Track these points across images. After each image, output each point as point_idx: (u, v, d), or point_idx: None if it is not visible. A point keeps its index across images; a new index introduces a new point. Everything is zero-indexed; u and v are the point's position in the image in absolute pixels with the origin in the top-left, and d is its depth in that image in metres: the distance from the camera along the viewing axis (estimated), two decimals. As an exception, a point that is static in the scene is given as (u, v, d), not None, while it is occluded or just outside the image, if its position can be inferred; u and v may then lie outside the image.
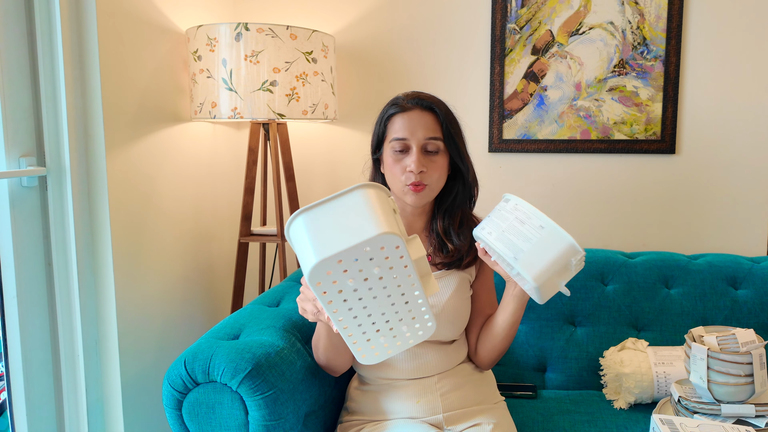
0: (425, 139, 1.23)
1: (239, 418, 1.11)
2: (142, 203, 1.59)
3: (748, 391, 1.20)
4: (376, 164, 1.33)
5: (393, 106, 1.26)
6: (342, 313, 0.95)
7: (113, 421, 1.50)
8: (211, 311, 1.98)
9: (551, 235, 1.05)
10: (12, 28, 1.30)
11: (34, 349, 1.36)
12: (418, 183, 1.21)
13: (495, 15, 1.91)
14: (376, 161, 1.32)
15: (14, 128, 1.30)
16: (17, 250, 1.32)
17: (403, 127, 1.23)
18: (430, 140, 1.23)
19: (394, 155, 1.24)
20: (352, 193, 0.93)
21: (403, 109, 1.24)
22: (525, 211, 1.09)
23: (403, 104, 1.25)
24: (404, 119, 1.23)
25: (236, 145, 2.11)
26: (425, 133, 1.23)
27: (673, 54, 1.85)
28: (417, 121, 1.23)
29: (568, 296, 1.26)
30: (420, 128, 1.23)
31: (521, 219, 1.09)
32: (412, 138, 1.22)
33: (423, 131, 1.23)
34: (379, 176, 1.33)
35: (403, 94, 1.28)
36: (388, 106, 1.27)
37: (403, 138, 1.22)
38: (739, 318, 1.63)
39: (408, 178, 1.22)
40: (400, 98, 1.27)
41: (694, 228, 1.93)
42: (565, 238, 1.05)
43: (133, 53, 1.54)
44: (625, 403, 1.50)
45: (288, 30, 1.66)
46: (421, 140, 1.22)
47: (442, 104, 1.27)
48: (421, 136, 1.22)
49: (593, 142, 1.92)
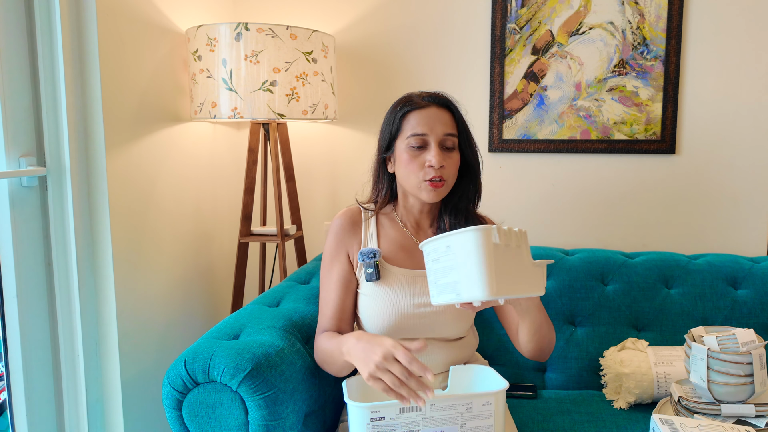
0: (444, 135, 1.23)
1: (239, 418, 1.11)
2: (142, 203, 1.59)
3: (748, 391, 1.20)
4: (383, 164, 1.32)
5: (407, 104, 1.25)
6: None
7: (113, 421, 1.50)
8: (211, 311, 1.98)
9: (459, 245, 1.00)
10: (12, 28, 1.30)
11: (34, 349, 1.36)
12: (439, 178, 1.21)
13: (495, 15, 1.91)
14: (383, 160, 1.31)
15: (14, 128, 1.30)
16: (17, 250, 1.32)
17: (421, 123, 1.22)
18: (448, 136, 1.23)
19: (410, 151, 1.23)
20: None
21: (419, 106, 1.24)
22: (432, 247, 1.06)
23: (418, 101, 1.25)
24: (422, 115, 1.23)
25: (236, 145, 2.11)
26: (444, 129, 1.23)
27: (673, 54, 1.85)
28: (435, 117, 1.23)
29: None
30: (438, 124, 1.23)
31: (435, 257, 1.06)
32: (432, 133, 1.22)
33: (441, 127, 1.23)
34: (386, 176, 1.32)
35: (415, 93, 1.28)
36: (402, 104, 1.26)
37: (423, 133, 1.22)
38: (739, 318, 1.63)
39: (427, 174, 1.21)
40: (413, 96, 1.27)
41: (694, 228, 1.93)
42: (467, 233, 0.98)
43: (133, 53, 1.54)
44: (625, 403, 1.50)
45: (288, 30, 1.66)
46: (440, 135, 1.22)
47: (456, 104, 1.28)
48: (440, 131, 1.23)
49: (593, 142, 1.92)
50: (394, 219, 1.32)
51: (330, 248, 1.30)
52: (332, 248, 1.29)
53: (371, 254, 1.25)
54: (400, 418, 1.03)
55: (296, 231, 1.95)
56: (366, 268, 1.24)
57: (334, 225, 1.31)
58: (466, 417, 1.05)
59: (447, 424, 1.04)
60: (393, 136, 1.27)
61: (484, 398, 1.05)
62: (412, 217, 1.32)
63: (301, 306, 1.41)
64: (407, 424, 1.03)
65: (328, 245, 1.30)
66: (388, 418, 1.02)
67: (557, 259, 1.73)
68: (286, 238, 1.86)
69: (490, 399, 1.05)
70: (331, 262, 1.29)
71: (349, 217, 1.31)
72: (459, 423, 1.05)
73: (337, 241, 1.29)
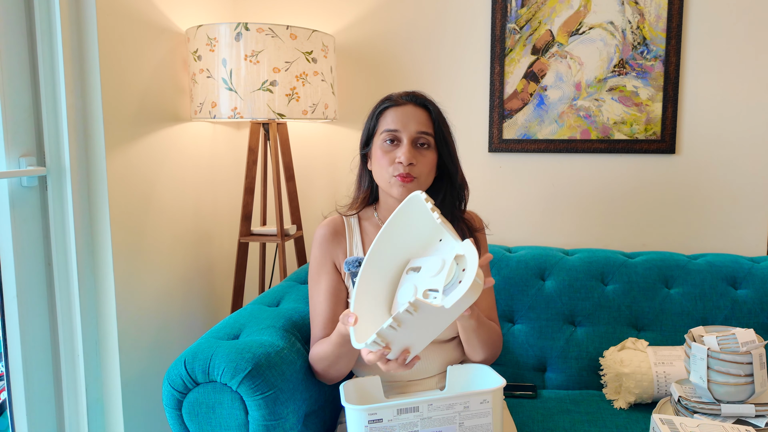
0: (417, 133, 1.22)
1: (239, 418, 1.11)
2: (142, 203, 1.59)
3: (748, 391, 1.20)
4: (363, 160, 1.32)
5: (385, 101, 1.26)
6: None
7: (113, 421, 1.50)
8: (211, 311, 1.98)
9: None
10: (12, 28, 1.30)
11: (34, 349, 1.36)
12: (406, 174, 1.20)
13: (495, 15, 1.91)
14: (364, 157, 1.31)
15: (14, 128, 1.30)
16: (17, 250, 1.32)
17: (395, 120, 1.23)
18: (421, 134, 1.23)
19: (383, 147, 1.23)
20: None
21: (396, 104, 1.25)
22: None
23: (396, 99, 1.25)
24: (397, 112, 1.23)
25: (236, 145, 2.11)
26: (417, 127, 1.23)
27: (673, 54, 1.85)
28: (410, 114, 1.23)
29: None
30: (412, 121, 1.23)
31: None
32: (404, 130, 1.22)
33: (415, 125, 1.23)
34: (366, 173, 1.32)
35: (397, 93, 1.28)
36: (381, 101, 1.27)
37: (395, 129, 1.22)
38: (739, 318, 1.63)
39: (396, 169, 1.21)
40: (393, 94, 1.28)
41: (694, 228, 1.93)
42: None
43: (133, 53, 1.54)
44: (625, 403, 1.50)
45: (288, 30, 1.66)
46: (412, 133, 1.22)
47: (435, 104, 1.28)
48: (413, 129, 1.22)
49: (593, 142, 1.92)
50: (377, 224, 1.32)
51: (316, 260, 1.29)
52: (318, 260, 1.29)
53: (356, 263, 1.24)
54: (397, 420, 1.03)
55: (296, 231, 1.95)
56: (352, 277, 1.24)
57: (317, 236, 1.30)
58: (464, 416, 1.05)
59: (445, 424, 1.04)
60: (371, 133, 1.27)
61: (482, 396, 1.05)
62: (390, 213, 1.31)
63: (301, 306, 1.41)
64: (405, 425, 1.03)
65: (313, 257, 1.30)
66: (385, 419, 1.02)
67: (557, 259, 1.73)
68: (286, 238, 1.86)
69: (487, 397, 1.05)
70: (318, 273, 1.28)
71: (332, 227, 1.30)
72: (457, 422, 1.05)
73: (322, 252, 1.28)
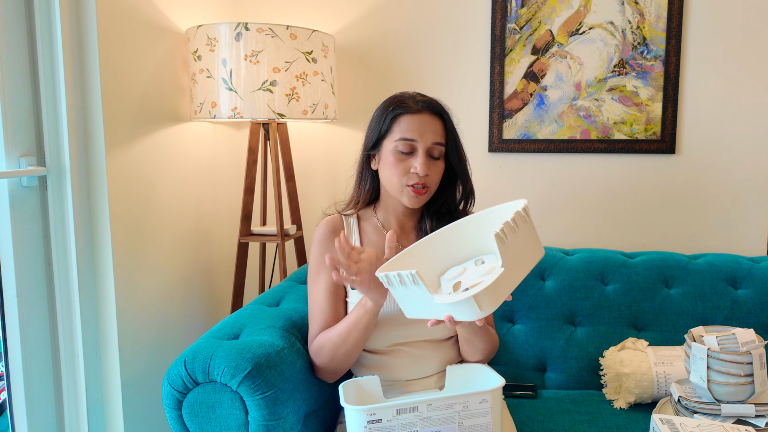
0: (432, 144, 1.23)
1: (239, 418, 1.11)
2: (142, 203, 1.59)
3: (748, 391, 1.20)
4: (367, 160, 1.31)
5: (400, 105, 1.24)
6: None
7: (113, 421, 1.50)
8: (211, 311, 1.98)
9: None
10: (12, 28, 1.30)
11: (34, 349, 1.36)
12: (422, 185, 1.22)
13: (495, 15, 1.91)
14: (368, 157, 1.31)
15: (14, 128, 1.30)
16: (17, 250, 1.32)
17: (411, 129, 1.22)
18: (436, 145, 1.23)
19: (397, 155, 1.23)
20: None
21: (411, 110, 1.23)
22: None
23: (411, 105, 1.24)
24: (414, 120, 1.23)
25: (236, 145, 2.11)
26: (433, 138, 1.23)
27: (673, 54, 1.85)
28: (426, 124, 1.23)
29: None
30: (429, 132, 1.23)
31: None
32: (421, 140, 1.22)
33: (431, 135, 1.23)
34: (369, 172, 1.32)
35: (409, 95, 1.27)
36: (394, 104, 1.25)
37: (412, 139, 1.22)
38: (739, 318, 1.63)
39: (410, 179, 1.22)
40: (407, 98, 1.26)
41: (694, 228, 1.93)
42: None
43: (133, 53, 1.54)
44: (625, 403, 1.50)
45: (288, 30, 1.66)
46: (428, 143, 1.22)
47: (449, 113, 1.27)
48: (429, 140, 1.23)
49: (593, 142, 1.92)
50: (376, 225, 1.32)
51: (315, 259, 1.29)
52: (317, 258, 1.28)
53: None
54: (397, 420, 1.03)
55: (296, 231, 1.95)
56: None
57: (316, 235, 1.30)
58: (464, 416, 1.05)
59: (444, 424, 1.04)
60: (381, 135, 1.26)
61: (481, 396, 1.05)
62: (394, 218, 1.32)
63: (301, 306, 1.41)
64: (404, 425, 1.03)
65: (313, 256, 1.30)
66: (385, 420, 1.02)
67: (557, 259, 1.73)
68: (286, 238, 1.86)
69: (486, 397, 1.05)
70: (318, 272, 1.28)
71: (331, 225, 1.30)
72: (456, 422, 1.05)
73: (322, 251, 1.28)
